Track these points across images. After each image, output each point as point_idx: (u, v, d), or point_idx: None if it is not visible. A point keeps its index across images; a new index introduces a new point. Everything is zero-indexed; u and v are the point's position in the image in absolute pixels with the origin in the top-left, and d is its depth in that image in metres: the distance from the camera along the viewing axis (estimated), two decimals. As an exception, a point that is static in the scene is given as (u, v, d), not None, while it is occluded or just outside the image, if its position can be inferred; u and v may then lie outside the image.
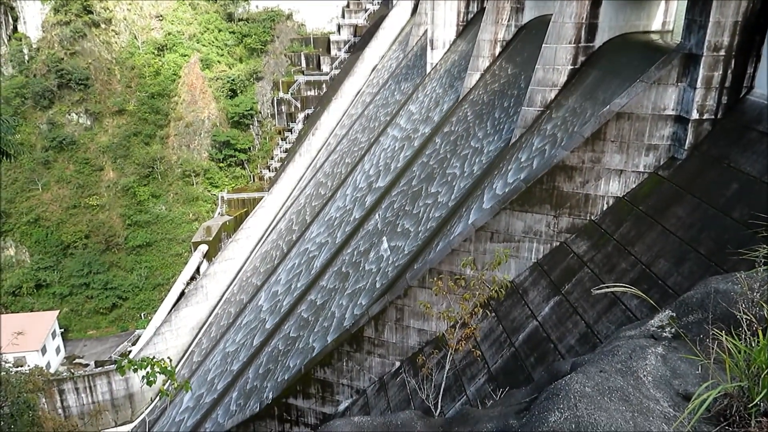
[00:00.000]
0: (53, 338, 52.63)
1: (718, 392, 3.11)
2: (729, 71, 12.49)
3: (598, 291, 5.14)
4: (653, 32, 19.48)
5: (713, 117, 12.88)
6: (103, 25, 65.76)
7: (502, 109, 24.96)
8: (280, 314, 30.67)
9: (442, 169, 26.20)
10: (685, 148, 13.08)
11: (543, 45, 19.84)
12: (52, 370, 48.07)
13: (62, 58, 63.29)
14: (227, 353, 34.50)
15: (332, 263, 29.48)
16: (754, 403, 3.13)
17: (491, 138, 24.07)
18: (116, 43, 66.73)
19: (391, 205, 28.36)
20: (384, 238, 25.77)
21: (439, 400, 8.08)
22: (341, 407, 18.08)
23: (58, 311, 55.79)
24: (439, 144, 28.71)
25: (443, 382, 9.59)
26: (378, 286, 22.89)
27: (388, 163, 33.62)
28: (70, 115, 63.94)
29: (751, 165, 11.42)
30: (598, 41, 19.21)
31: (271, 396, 19.22)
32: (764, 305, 3.69)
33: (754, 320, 3.61)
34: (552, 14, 19.66)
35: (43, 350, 49.99)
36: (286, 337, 27.06)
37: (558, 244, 14.81)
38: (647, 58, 15.54)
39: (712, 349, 3.50)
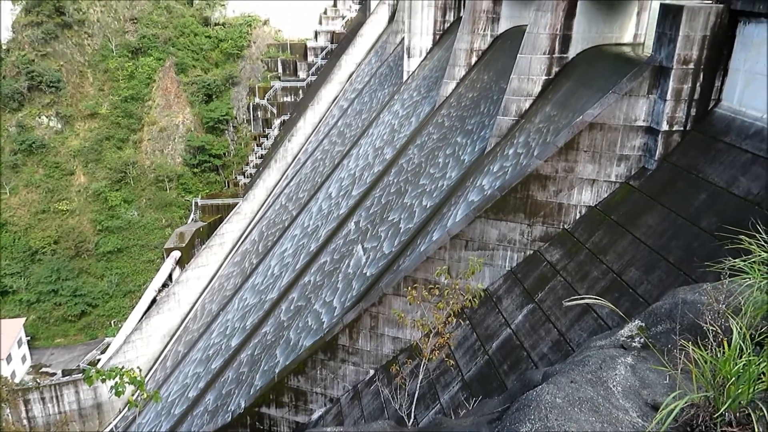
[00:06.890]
0: (19, 347, 51.33)
1: (685, 402, 3.15)
2: (698, 84, 12.77)
3: (570, 303, 5.17)
4: (625, 44, 19.86)
5: (683, 128, 13.15)
6: (75, 27, 64.69)
7: (477, 117, 25.16)
8: (262, 311, 30.37)
9: (417, 177, 26.28)
10: (656, 158, 13.33)
11: (518, 55, 20.08)
12: (17, 380, 46.86)
13: (33, 60, 62.07)
14: (200, 359, 34.00)
15: (306, 271, 29.32)
16: (720, 413, 3.17)
17: (467, 146, 24.23)
18: (89, 45, 65.69)
19: (366, 210, 28.33)
20: (359, 246, 25.72)
21: (413, 409, 8.06)
22: (315, 416, 17.93)
23: (25, 319, 54.45)
24: (415, 152, 28.80)
25: (417, 391, 9.58)
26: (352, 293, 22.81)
27: (364, 171, 33.61)
28: (40, 118, 62.69)
29: (719, 176, 11.69)
30: (572, 52, 19.52)
31: (243, 405, 18.98)
32: (730, 316, 3.75)
33: (719, 331, 3.67)
34: (527, 25, 19.91)
35: (8, 359, 48.72)
36: (263, 342, 26.78)
37: (532, 252, 14.95)
38: (619, 69, 15.83)
39: (680, 359, 3.55)
